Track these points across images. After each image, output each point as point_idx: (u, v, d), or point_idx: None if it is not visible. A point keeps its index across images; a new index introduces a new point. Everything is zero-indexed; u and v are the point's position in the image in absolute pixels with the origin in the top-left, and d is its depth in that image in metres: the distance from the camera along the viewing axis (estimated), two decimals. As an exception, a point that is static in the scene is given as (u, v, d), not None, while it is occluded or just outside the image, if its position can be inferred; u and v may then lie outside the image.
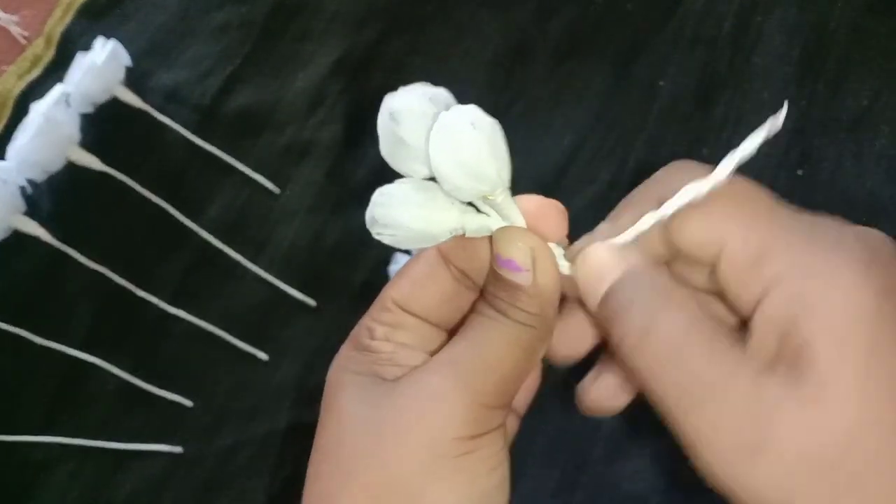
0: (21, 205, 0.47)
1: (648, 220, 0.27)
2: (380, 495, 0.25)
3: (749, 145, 0.27)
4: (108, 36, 0.51)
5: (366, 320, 0.29)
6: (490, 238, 0.27)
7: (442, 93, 0.26)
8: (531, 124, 0.48)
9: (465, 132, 0.25)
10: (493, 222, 0.27)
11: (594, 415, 0.30)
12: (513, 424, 0.32)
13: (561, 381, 0.43)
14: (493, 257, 0.27)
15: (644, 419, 0.41)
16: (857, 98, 0.46)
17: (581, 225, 0.45)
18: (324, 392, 0.28)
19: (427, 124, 0.25)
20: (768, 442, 0.23)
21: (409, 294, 0.28)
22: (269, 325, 0.46)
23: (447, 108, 0.26)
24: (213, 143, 0.49)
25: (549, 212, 0.28)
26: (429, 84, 0.26)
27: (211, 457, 0.43)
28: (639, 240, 0.27)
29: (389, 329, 0.28)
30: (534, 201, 0.28)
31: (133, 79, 0.51)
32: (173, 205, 0.48)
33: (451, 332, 0.28)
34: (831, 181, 0.45)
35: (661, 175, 0.28)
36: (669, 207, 0.26)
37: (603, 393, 0.30)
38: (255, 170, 0.49)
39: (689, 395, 0.24)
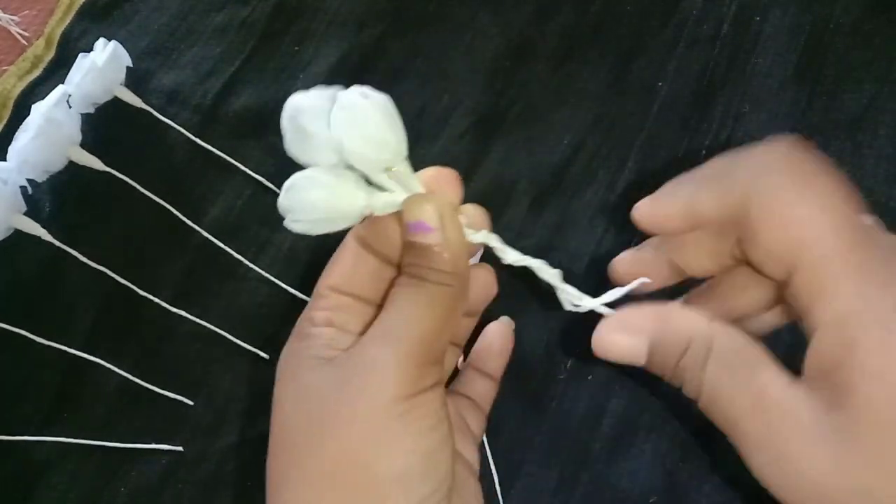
0: (22, 205, 0.47)
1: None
2: (333, 471, 0.27)
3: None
4: (108, 37, 0.51)
5: (305, 313, 0.31)
6: (398, 214, 0.29)
7: (335, 90, 0.28)
8: (531, 124, 0.49)
9: (364, 106, 0.27)
10: (398, 197, 0.29)
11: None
12: (489, 388, 0.36)
13: (561, 380, 0.43)
14: (404, 227, 0.29)
15: (644, 419, 0.42)
16: (857, 98, 0.46)
17: (581, 225, 0.46)
18: (275, 386, 0.30)
19: (326, 114, 0.28)
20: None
21: (341, 278, 0.31)
22: (271, 325, 0.46)
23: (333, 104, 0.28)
24: (214, 144, 0.50)
25: (445, 178, 0.30)
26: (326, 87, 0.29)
27: (212, 456, 0.43)
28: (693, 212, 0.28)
29: (329, 313, 0.30)
30: (431, 171, 0.30)
31: (134, 79, 0.51)
32: (174, 205, 0.48)
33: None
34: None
35: (757, 162, 0.28)
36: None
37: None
38: (256, 170, 0.49)
39: (739, 425, 0.26)
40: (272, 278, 0.46)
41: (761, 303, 0.30)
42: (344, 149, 0.28)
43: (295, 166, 0.49)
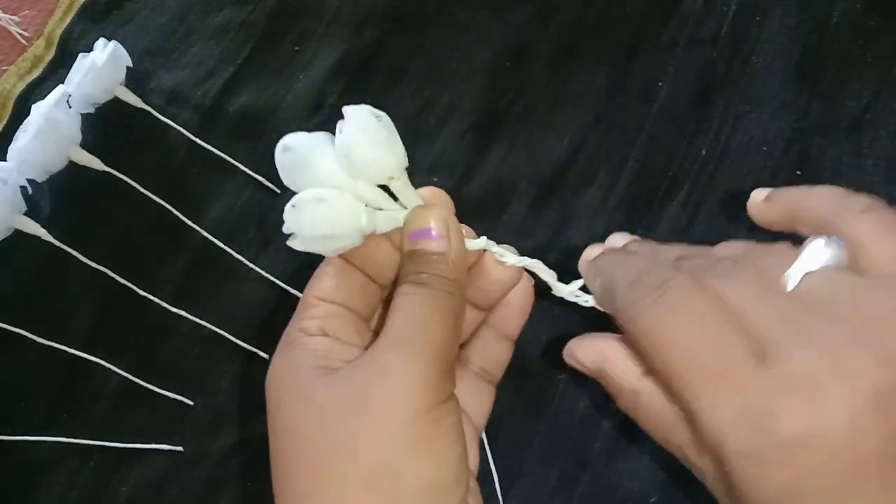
0: (22, 205, 0.47)
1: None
2: (364, 479, 0.26)
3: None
4: (108, 37, 0.51)
5: (294, 323, 0.30)
6: (383, 236, 0.30)
7: (321, 133, 0.30)
8: (531, 124, 0.49)
9: (372, 120, 0.29)
10: (398, 214, 0.30)
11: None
12: (505, 351, 0.35)
13: (561, 380, 0.43)
14: (407, 237, 0.30)
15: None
16: (857, 98, 0.46)
17: (581, 225, 0.46)
18: (268, 399, 0.29)
19: (317, 145, 0.30)
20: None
21: (331, 288, 0.31)
22: (271, 325, 0.46)
23: (326, 140, 0.30)
24: (214, 144, 0.50)
25: (439, 198, 0.31)
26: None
27: (212, 456, 0.43)
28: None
29: (322, 321, 0.30)
30: (426, 190, 0.31)
31: (134, 79, 0.51)
32: (174, 205, 0.48)
33: (375, 330, 0.31)
34: (830, 181, 0.44)
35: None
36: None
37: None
38: (257, 171, 0.49)
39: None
40: (272, 278, 0.46)
41: None
42: (351, 155, 0.29)
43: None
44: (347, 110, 0.29)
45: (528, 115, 0.49)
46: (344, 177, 0.30)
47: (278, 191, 0.49)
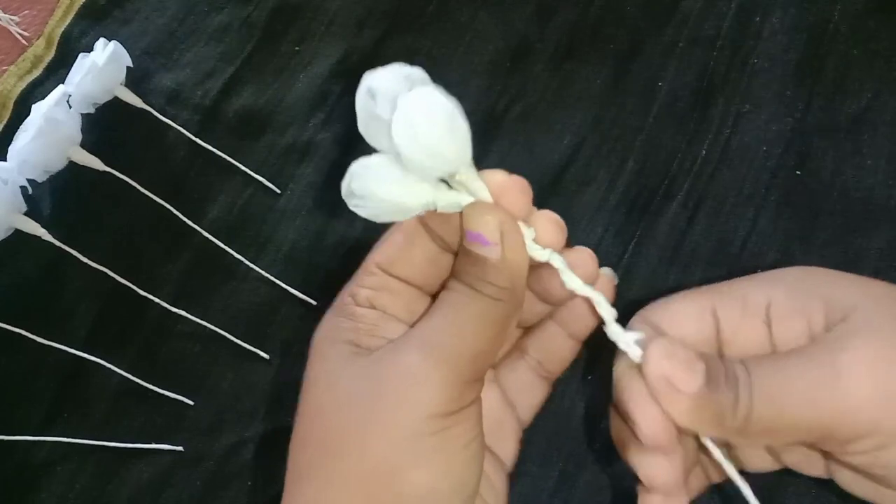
0: (22, 205, 0.47)
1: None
2: (361, 478, 0.26)
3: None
4: (108, 37, 0.51)
5: (349, 286, 0.29)
6: (461, 213, 0.28)
7: (416, 72, 0.27)
8: (531, 124, 0.49)
9: (421, 116, 0.26)
10: (462, 198, 0.28)
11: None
12: (570, 350, 0.32)
13: (561, 380, 0.43)
14: (463, 233, 0.27)
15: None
16: (857, 98, 0.46)
17: (581, 225, 0.46)
18: (308, 359, 0.28)
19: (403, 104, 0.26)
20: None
21: (393, 257, 0.29)
22: (271, 325, 0.46)
23: (421, 85, 0.27)
24: (214, 144, 0.50)
25: (513, 186, 0.28)
26: (405, 64, 0.27)
27: (212, 456, 0.43)
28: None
29: (373, 292, 0.28)
30: (500, 176, 0.28)
31: (134, 79, 0.51)
32: (174, 205, 0.48)
33: (434, 297, 0.28)
34: (830, 182, 0.45)
35: (651, 308, 0.29)
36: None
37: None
38: (257, 171, 0.49)
39: (810, 399, 0.26)
40: (272, 278, 0.46)
41: None
42: (400, 154, 0.26)
43: (287, 170, 0.49)
44: (401, 101, 0.26)
45: (528, 115, 0.49)
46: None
47: (278, 191, 0.49)
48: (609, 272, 0.31)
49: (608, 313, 0.29)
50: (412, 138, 0.26)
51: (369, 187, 0.27)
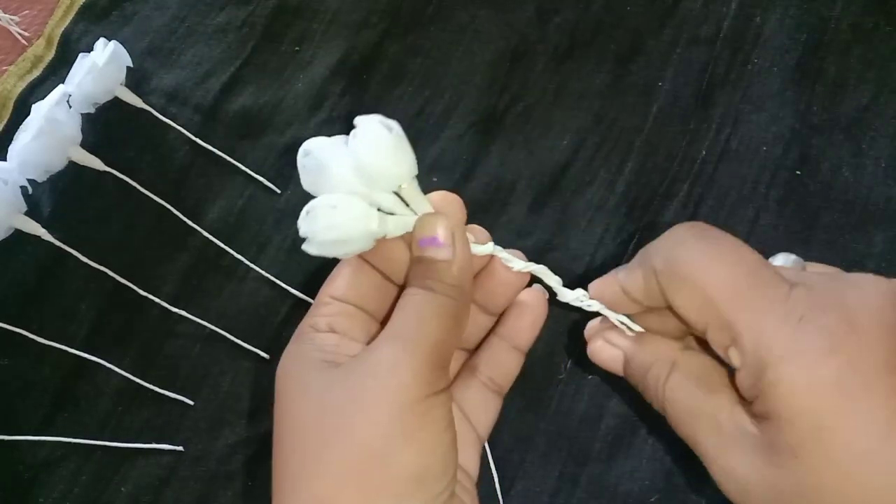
0: (22, 205, 0.47)
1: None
2: (355, 464, 0.28)
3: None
4: (109, 37, 0.51)
5: (307, 319, 0.32)
6: (400, 237, 0.32)
7: (342, 137, 0.31)
8: (531, 124, 0.49)
9: (382, 130, 0.30)
10: (408, 219, 0.31)
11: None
12: (515, 362, 0.36)
13: (561, 380, 0.43)
14: (416, 243, 0.31)
15: (644, 419, 0.42)
16: (857, 98, 0.46)
17: (581, 225, 0.46)
18: (276, 391, 0.31)
19: (336, 151, 0.31)
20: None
21: (344, 288, 0.32)
22: (271, 325, 0.46)
23: (343, 145, 0.31)
24: (214, 144, 0.50)
25: (451, 202, 0.32)
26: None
27: (212, 456, 0.43)
28: (643, 298, 0.32)
29: (332, 318, 0.31)
30: (438, 195, 0.32)
31: (134, 79, 0.51)
32: (175, 205, 0.48)
33: (383, 323, 0.32)
34: (830, 182, 0.45)
35: (661, 243, 0.32)
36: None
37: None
38: (257, 171, 0.49)
39: (695, 436, 0.30)
40: (272, 278, 0.46)
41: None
42: (363, 165, 0.30)
43: (287, 170, 0.49)
44: (359, 121, 0.31)
45: (528, 115, 0.49)
46: (358, 183, 0.31)
47: (278, 191, 0.49)
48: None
49: (554, 281, 0.34)
50: (374, 151, 0.30)
51: (319, 222, 0.30)
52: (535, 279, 0.34)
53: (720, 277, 0.29)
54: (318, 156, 0.31)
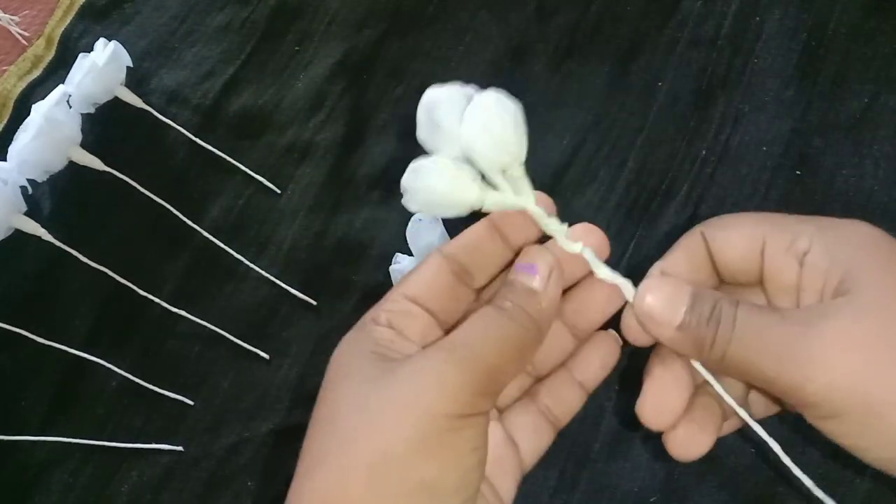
0: (22, 205, 0.47)
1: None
2: (373, 464, 0.27)
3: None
4: (108, 37, 0.51)
5: (373, 310, 0.31)
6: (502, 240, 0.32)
7: (472, 89, 0.31)
8: (531, 124, 0.48)
9: (495, 109, 0.30)
10: (507, 198, 0.31)
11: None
12: (577, 400, 0.34)
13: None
14: (514, 267, 0.31)
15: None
16: (857, 98, 0.46)
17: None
18: (327, 370, 0.30)
19: (458, 111, 0.30)
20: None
21: (418, 287, 0.31)
22: (271, 325, 0.46)
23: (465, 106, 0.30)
24: (214, 144, 0.50)
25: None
26: (461, 83, 0.31)
27: (212, 456, 0.43)
28: (686, 274, 0.31)
29: (393, 315, 0.31)
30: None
31: (134, 79, 0.51)
32: (175, 205, 0.48)
33: (448, 332, 0.31)
34: (830, 182, 0.45)
35: (711, 222, 0.32)
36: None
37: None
38: (257, 170, 0.49)
39: (778, 356, 0.28)
40: (272, 278, 0.46)
41: None
42: (469, 145, 0.30)
43: (287, 170, 0.49)
44: (476, 96, 0.30)
45: (528, 115, 0.49)
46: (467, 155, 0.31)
47: (278, 191, 0.49)
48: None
49: (630, 291, 0.32)
50: (485, 130, 0.30)
51: (424, 183, 0.30)
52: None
53: (768, 216, 0.31)
54: (438, 114, 0.30)
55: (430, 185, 0.30)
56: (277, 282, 0.46)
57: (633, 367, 0.32)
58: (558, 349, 0.34)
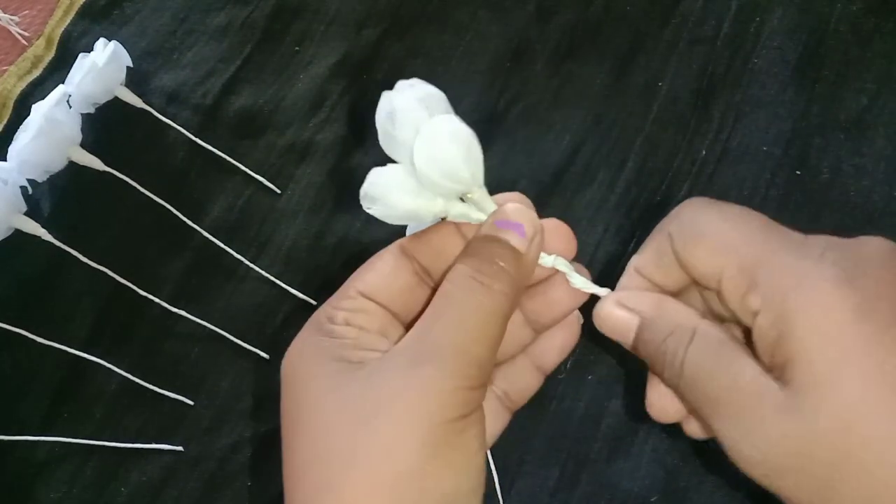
0: (22, 205, 0.47)
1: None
2: (387, 480, 0.26)
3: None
4: (108, 37, 0.51)
5: (325, 308, 0.30)
6: (451, 228, 0.31)
7: (435, 94, 0.29)
8: (531, 124, 0.49)
9: (444, 142, 0.28)
10: (471, 211, 0.30)
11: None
12: (534, 383, 0.34)
13: (561, 380, 0.43)
14: (491, 222, 0.30)
15: (643, 419, 0.42)
16: (857, 98, 0.46)
17: (581, 225, 0.46)
18: (283, 380, 0.29)
19: (413, 125, 0.28)
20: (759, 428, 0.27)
21: (373, 284, 0.30)
22: (271, 325, 0.46)
23: (438, 110, 0.29)
24: (214, 144, 0.50)
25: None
26: (424, 83, 0.29)
27: (212, 456, 0.43)
28: (657, 274, 0.31)
29: (350, 314, 0.29)
30: (505, 196, 0.31)
31: (134, 79, 0.51)
32: (175, 205, 0.48)
33: (407, 327, 0.30)
34: (830, 182, 0.45)
35: (675, 212, 0.31)
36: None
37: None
38: (257, 170, 0.49)
39: (716, 401, 0.28)
40: (272, 278, 0.46)
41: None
42: (422, 174, 0.29)
43: (287, 170, 0.49)
44: (424, 127, 0.28)
45: (528, 115, 0.49)
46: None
47: (278, 191, 0.49)
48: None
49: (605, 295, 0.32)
50: (432, 161, 0.28)
51: (384, 194, 0.29)
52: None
53: (737, 226, 0.29)
54: (398, 127, 0.29)
55: (391, 198, 0.29)
56: (277, 282, 0.46)
57: (636, 360, 0.32)
58: (518, 342, 0.33)
